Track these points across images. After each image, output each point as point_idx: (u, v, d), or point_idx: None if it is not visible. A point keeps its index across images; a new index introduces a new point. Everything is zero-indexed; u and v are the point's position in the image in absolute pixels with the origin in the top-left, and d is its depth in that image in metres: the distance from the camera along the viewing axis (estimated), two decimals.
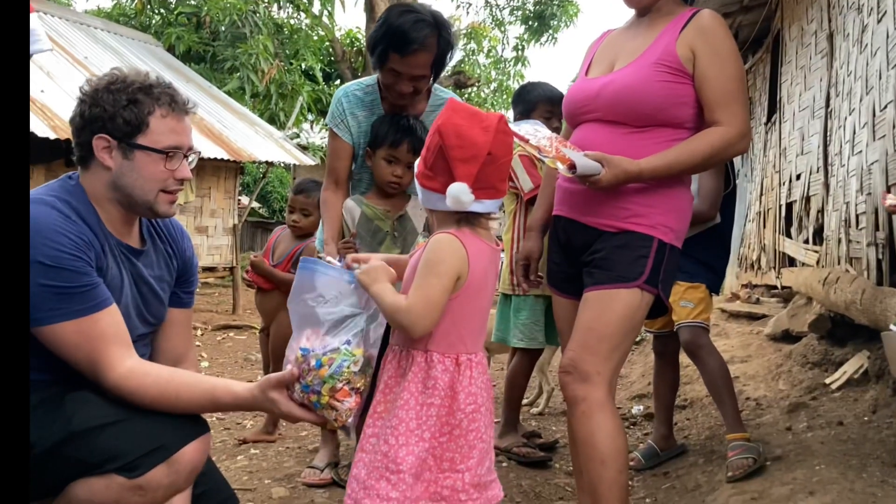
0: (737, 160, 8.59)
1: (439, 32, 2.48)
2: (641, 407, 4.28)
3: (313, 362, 1.58)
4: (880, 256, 3.31)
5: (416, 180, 1.80)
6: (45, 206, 1.62)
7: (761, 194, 7.44)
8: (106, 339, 1.62)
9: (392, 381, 1.74)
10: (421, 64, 2.49)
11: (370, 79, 2.75)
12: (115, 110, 1.68)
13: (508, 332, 3.32)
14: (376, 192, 2.67)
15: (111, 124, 1.68)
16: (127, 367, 1.63)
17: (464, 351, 1.74)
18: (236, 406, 1.69)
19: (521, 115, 3.28)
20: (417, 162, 1.80)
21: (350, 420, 1.62)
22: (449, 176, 1.69)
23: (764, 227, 7.17)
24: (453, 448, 1.70)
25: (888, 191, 3.12)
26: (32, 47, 1.84)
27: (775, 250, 6.56)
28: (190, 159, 1.80)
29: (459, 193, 1.67)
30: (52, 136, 6.98)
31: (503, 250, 3.44)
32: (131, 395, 1.62)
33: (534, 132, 2.05)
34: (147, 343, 1.89)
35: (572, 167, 1.94)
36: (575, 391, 2.02)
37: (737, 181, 3.34)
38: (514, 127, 2.00)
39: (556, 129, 3.06)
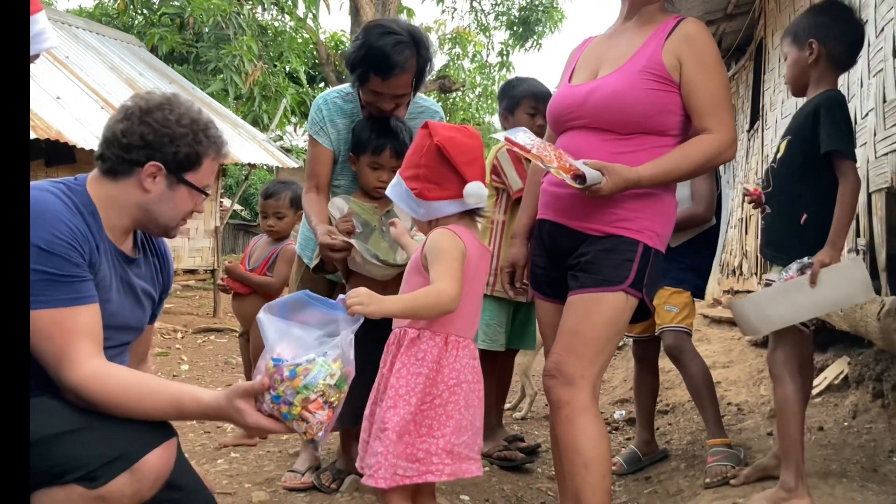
0: (720, 166, 8.66)
1: (418, 51, 2.50)
2: (623, 412, 4.29)
3: (286, 372, 1.54)
4: None
5: (410, 199, 1.99)
6: (49, 194, 1.63)
7: (743, 201, 7.50)
8: (79, 334, 1.58)
9: (392, 358, 1.95)
10: (402, 84, 2.52)
11: (350, 86, 2.74)
12: (182, 146, 1.73)
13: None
14: (361, 192, 2.67)
15: (172, 157, 1.73)
16: (92, 366, 1.59)
17: (453, 332, 1.93)
18: (202, 414, 1.66)
19: (506, 109, 3.26)
20: (410, 182, 1.98)
21: (320, 434, 1.59)
22: (457, 181, 1.94)
23: (746, 233, 7.22)
24: (432, 416, 1.89)
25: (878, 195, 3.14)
26: (42, 45, 1.83)
27: (757, 256, 6.60)
28: None
29: (479, 189, 1.94)
30: (32, 136, 6.90)
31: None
32: (92, 396, 1.57)
33: (531, 142, 2.06)
34: (125, 352, 1.86)
35: (578, 177, 1.96)
36: (559, 395, 2.02)
37: (721, 187, 3.35)
38: (512, 136, 2.07)
39: (541, 126, 3.05)
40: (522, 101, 3.23)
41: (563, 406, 2.02)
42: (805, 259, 2.31)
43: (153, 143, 1.72)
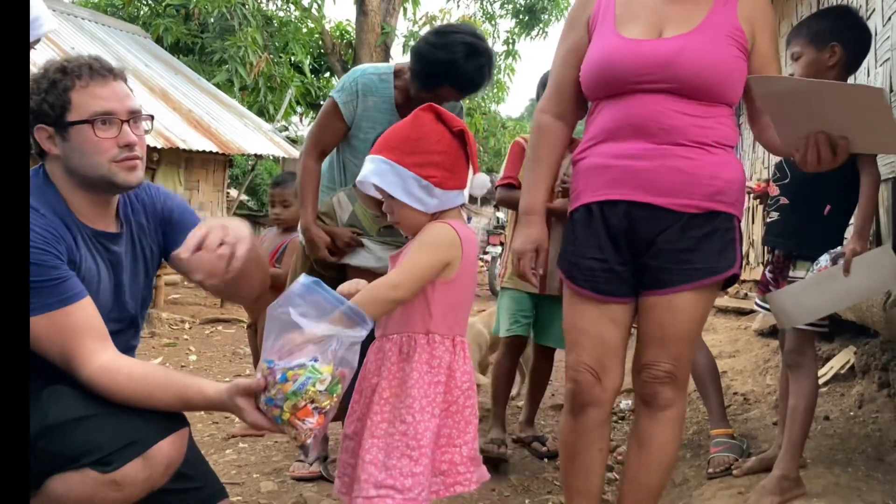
0: None
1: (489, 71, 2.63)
2: (630, 401, 4.29)
3: (279, 376, 1.52)
4: None
5: (420, 189, 1.82)
6: None
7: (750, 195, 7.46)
8: (78, 333, 1.61)
9: (395, 367, 1.80)
10: (462, 96, 2.66)
11: (387, 67, 2.79)
12: (40, 97, 1.67)
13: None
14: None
15: (41, 112, 1.67)
16: (100, 362, 1.62)
17: (458, 333, 1.85)
18: (207, 407, 1.70)
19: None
20: (424, 170, 1.81)
21: (310, 441, 1.58)
22: (466, 171, 1.86)
23: (752, 222, 7.20)
24: (451, 424, 1.79)
25: None
26: (40, 31, 1.79)
27: (763, 246, 6.58)
28: (145, 126, 1.75)
29: (485, 180, 1.87)
30: None
31: (503, 243, 3.46)
32: (104, 390, 1.61)
33: None
34: (137, 331, 1.88)
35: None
36: (667, 396, 1.93)
37: None
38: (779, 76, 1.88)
39: None
40: None
41: (669, 407, 1.94)
42: (838, 249, 2.36)
43: (29, 112, 1.68)
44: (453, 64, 2.51)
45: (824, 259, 2.39)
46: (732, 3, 1.94)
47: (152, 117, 1.80)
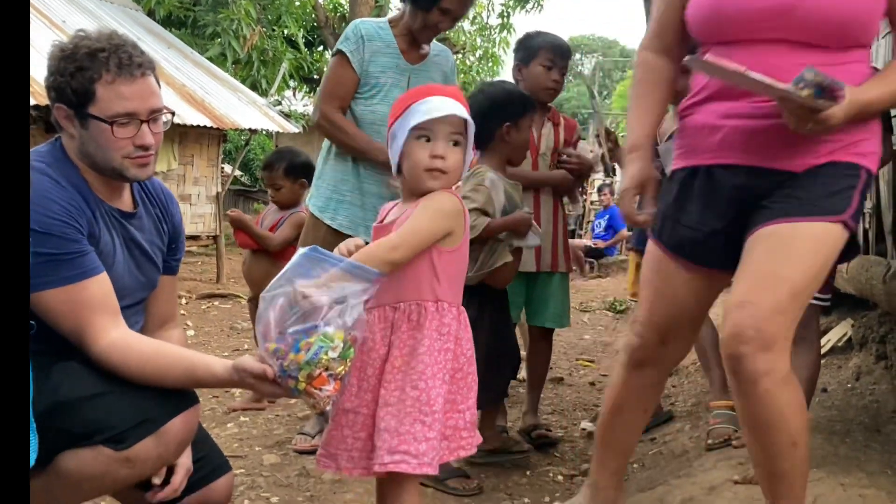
0: None
1: None
2: None
3: (290, 340, 1.52)
4: (867, 226, 3.34)
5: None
6: (36, 173, 1.61)
7: None
8: (92, 307, 1.61)
9: (406, 336, 1.78)
10: (469, 3, 2.68)
11: (381, 20, 2.84)
12: (65, 80, 1.64)
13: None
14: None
15: (64, 94, 1.65)
16: (111, 339, 1.62)
17: (460, 302, 1.86)
18: (217, 385, 1.74)
19: (521, 61, 3.10)
20: (470, 152, 1.85)
21: (329, 408, 1.60)
22: None
23: None
24: (455, 390, 1.80)
25: None
26: None
27: None
28: (164, 120, 1.74)
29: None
30: (31, 102, 6.84)
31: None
32: (115, 367, 1.62)
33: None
34: (141, 310, 1.88)
35: (827, 91, 1.52)
36: (756, 364, 1.57)
37: None
38: (716, 60, 1.63)
39: (556, 81, 3.02)
40: (539, 53, 3.03)
41: (761, 377, 1.57)
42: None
43: (52, 85, 1.67)
44: None
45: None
46: None
47: (173, 113, 1.80)
